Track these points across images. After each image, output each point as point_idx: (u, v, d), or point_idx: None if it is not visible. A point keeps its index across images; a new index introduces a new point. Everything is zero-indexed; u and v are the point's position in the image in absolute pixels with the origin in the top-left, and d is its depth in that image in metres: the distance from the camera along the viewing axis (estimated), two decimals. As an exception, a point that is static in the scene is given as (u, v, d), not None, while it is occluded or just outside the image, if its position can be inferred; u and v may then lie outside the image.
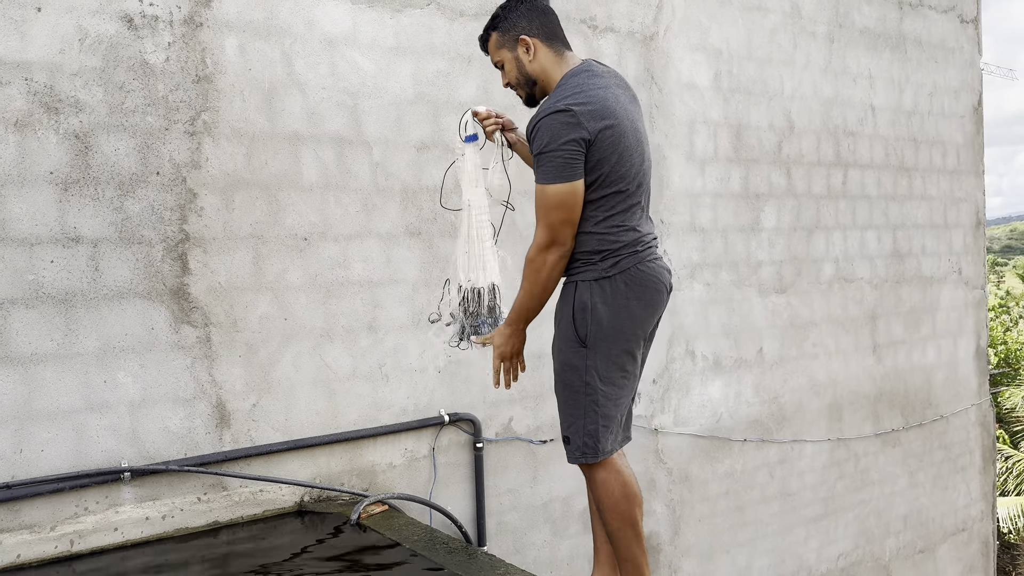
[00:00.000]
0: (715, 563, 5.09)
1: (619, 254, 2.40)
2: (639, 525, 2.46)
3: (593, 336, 2.39)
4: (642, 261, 2.43)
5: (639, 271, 2.42)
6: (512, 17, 2.45)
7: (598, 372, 2.40)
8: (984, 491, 7.14)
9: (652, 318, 2.50)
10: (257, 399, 3.50)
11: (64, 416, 3.10)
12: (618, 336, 2.41)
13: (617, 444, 2.50)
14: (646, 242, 2.47)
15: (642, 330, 2.47)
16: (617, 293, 2.39)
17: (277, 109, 3.54)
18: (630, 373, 2.48)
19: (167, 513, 3.25)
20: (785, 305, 5.47)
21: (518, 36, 2.45)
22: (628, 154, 2.37)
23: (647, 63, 4.75)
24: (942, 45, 6.58)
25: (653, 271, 2.45)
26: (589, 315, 2.39)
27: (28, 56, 3.03)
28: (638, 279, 2.41)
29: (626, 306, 2.40)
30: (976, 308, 6.96)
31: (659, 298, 2.49)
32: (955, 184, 6.71)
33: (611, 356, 2.42)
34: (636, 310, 2.42)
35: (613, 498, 2.44)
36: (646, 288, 2.43)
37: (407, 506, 3.73)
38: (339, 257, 3.70)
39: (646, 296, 2.43)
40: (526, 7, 2.45)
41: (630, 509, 2.44)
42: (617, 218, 2.40)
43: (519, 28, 2.44)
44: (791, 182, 5.50)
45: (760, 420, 5.33)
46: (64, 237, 3.10)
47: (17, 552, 2.95)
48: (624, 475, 2.47)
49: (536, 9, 2.46)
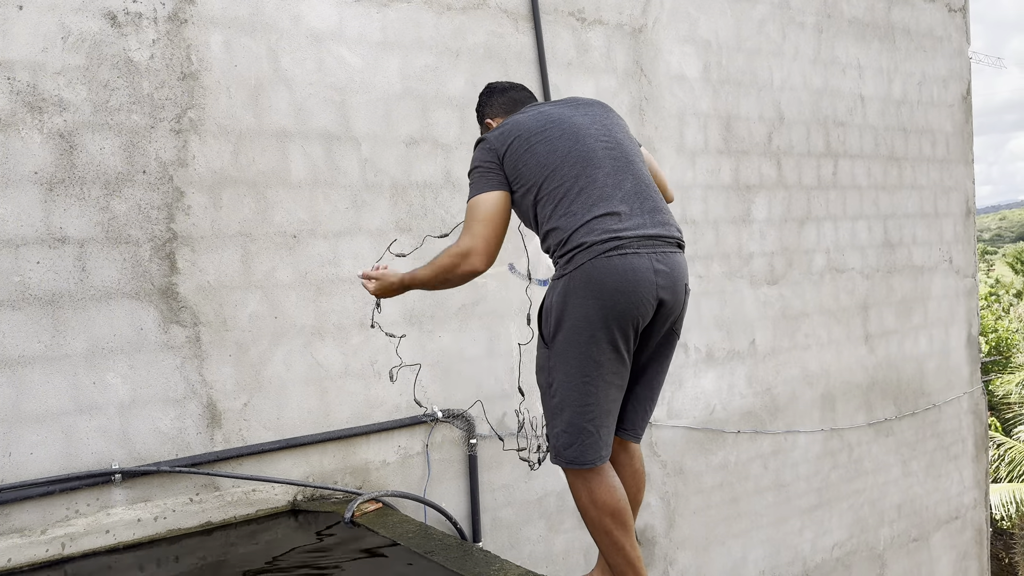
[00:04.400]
0: (710, 555, 5.10)
1: (574, 251, 2.29)
2: (615, 535, 2.33)
3: (552, 337, 2.32)
4: (602, 256, 2.25)
5: (595, 266, 2.25)
6: (481, 108, 2.83)
7: (559, 375, 2.31)
8: (977, 479, 7.17)
9: (626, 318, 2.27)
10: (248, 398, 3.47)
11: (53, 418, 3.07)
12: (575, 338, 2.27)
13: (589, 456, 2.32)
14: (614, 236, 2.28)
15: (611, 332, 2.26)
16: (572, 292, 2.27)
17: (264, 106, 3.51)
18: (596, 379, 2.29)
19: (159, 514, 3.23)
20: (777, 296, 5.47)
21: (485, 121, 2.81)
22: (552, 153, 2.41)
23: (636, 55, 4.74)
24: (930, 34, 6.58)
25: (620, 265, 2.25)
26: (551, 315, 2.32)
27: (10, 55, 3.00)
28: (594, 276, 2.24)
29: (582, 306, 2.25)
30: (967, 297, 6.98)
31: (631, 296, 2.25)
32: (945, 173, 6.72)
33: (570, 359, 2.29)
34: (593, 310, 2.24)
35: (581, 504, 2.38)
36: (604, 286, 2.24)
37: (401, 503, 3.72)
38: (329, 254, 3.68)
39: (605, 295, 2.24)
40: (487, 96, 2.82)
41: (599, 518, 2.33)
42: (563, 217, 2.33)
43: (485, 114, 2.81)
44: (781, 173, 5.50)
45: (753, 411, 5.33)
46: (50, 237, 3.06)
47: (8, 556, 2.92)
48: (592, 483, 2.34)
49: (495, 92, 2.81)
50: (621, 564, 2.37)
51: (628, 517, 2.37)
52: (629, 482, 2.60)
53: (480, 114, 2.84)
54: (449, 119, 4.03)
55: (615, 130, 2.53)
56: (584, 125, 2.49)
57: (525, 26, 4.28)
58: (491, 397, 4.13)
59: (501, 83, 2.84)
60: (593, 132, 2.48)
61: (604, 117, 2.56)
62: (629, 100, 4.70)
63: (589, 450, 2.32)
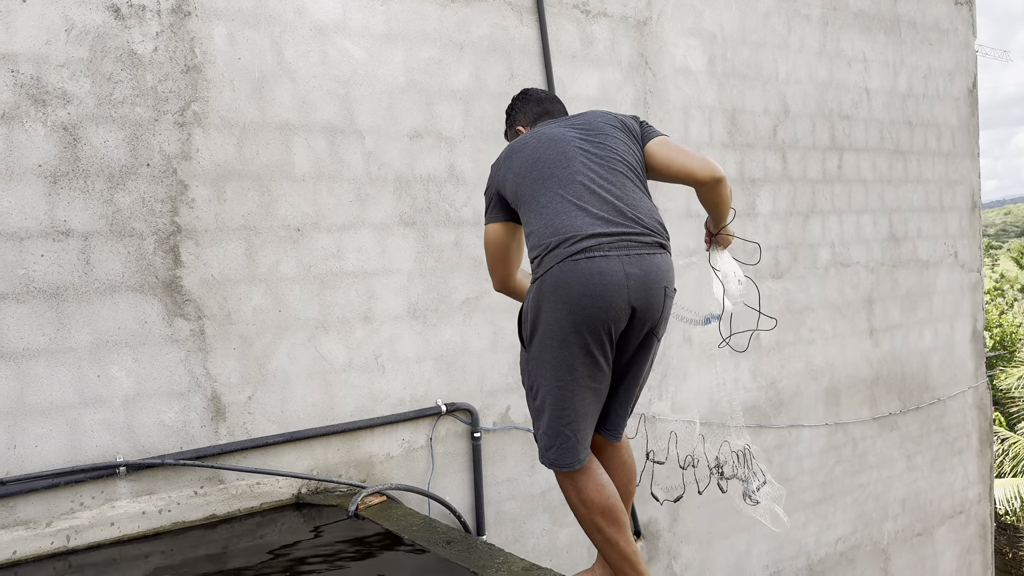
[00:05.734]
0: (714, 548, 5.10)
1: (543, 254, 2.28)
2: (607, 531, 2.34)
3: (528, 342, 2.33)
4: (568, 259, 2.22)
5: (563, 271, 2.22)
6: (513, 113, 2.85)
7: (537, 379, 2.32)
8: (981, 473, 7.16)
9: (596, 323, 2.23)
10: (252, 391, 3.47)
11: (58, 411, 3.07)
12: (549, 343, 2.26)
13: (567, 459, 2.33)
14: (583, 237, 2.24)
15: (582, 337, 2.23)
16: (543, 297, 2.26)
17: (267, 98, 3.50)
18: (570, 384, 2.27)
19: (164, 507, 3.23)
20: (782, 290, 5.46)
21: (516, 128, 2.81)
22: (526, 161, 2.44)
23: (641, 48, 4.72)
24: (936, 27, 6.55)
25: (587, 269, 2.21)
26: (527, 320, 2.33)
27: (14, 48, 2.99)
28: (561, 281, 2.22)
29: (552, 311, 2.24)
30: (972, 291, 6.95)
31: (598, 301, 2.21)
32: (950, 167, 6.69)
33: (545, 364, 2.29)
34: (563, 315, 2.22)
35: (571, 503, 2.40)
36: (571, 290, 2.21)
37: (405, 497, 3.72)
38: (333, 248, 3.67)
39: (572, 299, 2.21)
40: (522, 102, 2.83)
41: (590, 516, 2.35)
42: (535, 221, 2.34)
43: (517, 122, 2.82)
44: (787, 167, 5.47)
45: (758, 405, 5.32)
46: (54, 231, 3.06)
47: (13, 549, 2.93)
48: (579, 483, 2.34)
49: (531, 100, 2.82)
50: (617, 560, 2.37)
51: (619, 514, 2.37)
52: (619, 474, 2.60)
53: (511, 117, 2.85)
54: (453, 112, 4.01)
55: (603, 136, 2.48)
56: (563, 133, 2.48)
57: (529, 18, 4.27)
58: (495, 391, 4.13)
59: (537, 92, 2.85)
60: (570, 136, 2.46)
61: (597, 123, 2.53)
62: (633, 93, 4.68)
63: (567, 454, 2.33)
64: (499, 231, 2.56)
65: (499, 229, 2.56)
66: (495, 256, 2.60)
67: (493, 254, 2.60)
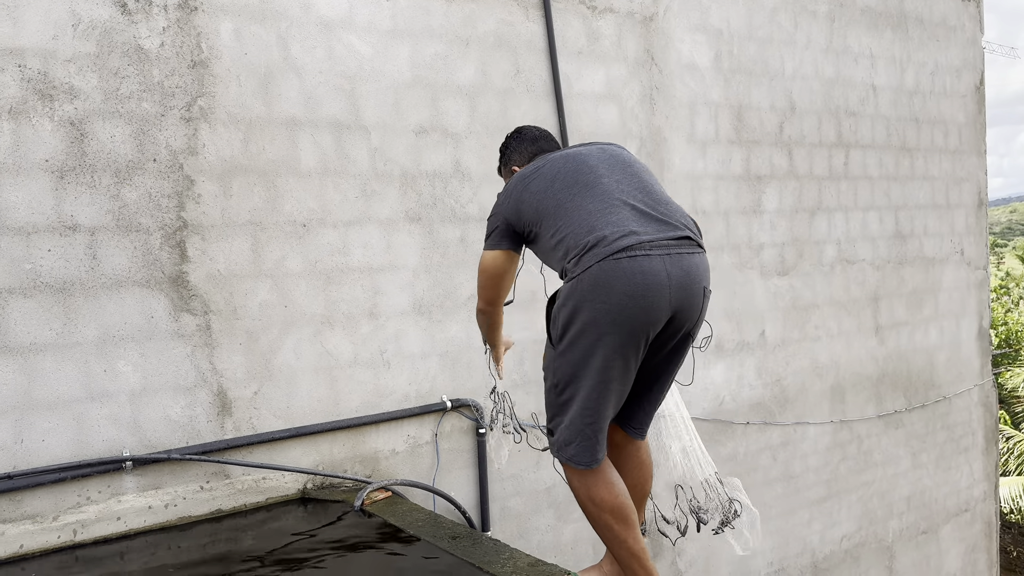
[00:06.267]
0: (719, 546, 5.09)
1: (581, 253, 2.22)
2: (616, 529, 2.32)
3: (558, 340, 2.29)
4: (610, 258, 2.17)
5: (603, 269, 2.17)
6: (507, 153, 2.82)
7: (563, 377, 2.28)
8: (987, 471, 7.14)
9: (635, 324, 2.19)
10: (258, 387, 3.48)
11: (64, 406, 3.08)
12: (581, 343, 2.22)
13: (585, 458, 2.30)
14: (623, 235, 2.21)
15: (617, 339, 2.19)
16: (579, 295, 2.20)
17: (274, 94, 3.50)
18: (598, 385, 2.24)
19: (170, 502, 3.24)
20: (787, 287, 5.45)
21: (512, 169, 2.77)
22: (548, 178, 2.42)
23: (647, 44, 4.71)
24: (944, 23, 6.52)
25: (629, 268, 2.16)
26: (558, 318, 2.28)
27: (21, 42, 2.99)
28: (601, 279, 2.17)
29: (589, 310, 2.18)
30: (978, 288, 6.93)
31: (640, 302, 2.16)
32: (957, 164, 6.67)
33: (574, 364, 2.24)
34: (600, 315, 2.17)
35: (580, 500, 2.37)
36: (612, 289, 2.16)
37: (410, 492, 3.72)
38: (339, 243, 3.67)
39: (612, 299, 2.16)
40: (516, 142, 2.80)
41: (599, 514, 2.33)
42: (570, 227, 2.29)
43: (512, 161, 2.79)
44: (793, 163, 5.46)
45: (763, 403, 5.32)
46: (61, 225, 3.07)
47: (20, 542, 2.94)
48: (589, 481, 2.32)
49: (525, 139, 2.79)
50: (625, 557, 2.37)
51: (629, 512, 2.35)
52: (635, 473, 2.59)
53: (505, 156, 2.83)
54: (459, 108, 4.01)
55: (614, 147, 2.54)
56: (575, 151, 2.51)
57: (535, 14, 4.26)
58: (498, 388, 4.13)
59: (532, 130, 2.82)
60: (584, 152, 2.48)
61: (602, 143, 2.58)
62: (639, 89, 4.67)
63: (586, 452, 2.31)
64: (501, 259, 2.55)
65: (501, 257, 2.54)
66: (492, 282, 2.60)
67: (490, 279, 2.60)
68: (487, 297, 2.66)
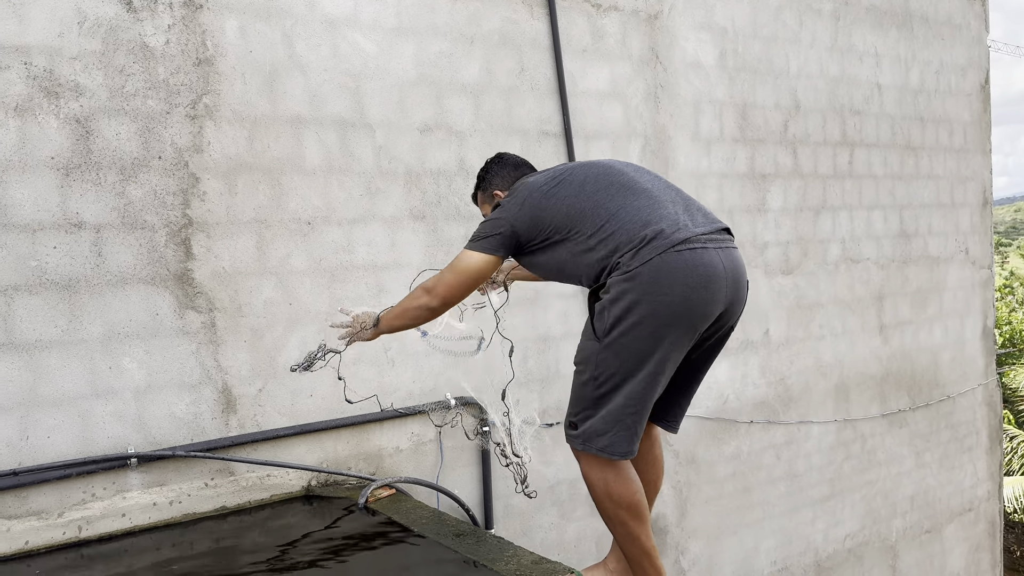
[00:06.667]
0: (722, 544, 5.09)
1: (639, 246, 2.23)
2: (630, 525, 2.33)
3: (606, 333, 2.26)
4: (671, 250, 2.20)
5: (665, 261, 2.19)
6: (489, 178, 2.78)
7: (608, 369, 2.27)
8: (991, 471, 7.13)
9: (694, 316, 2.23)
10: (263, 384, 3.48)
11: (70, 402, 3.09)
12: (636, 334, 2.21)
13: (621, 448, 2.29)
14: (679, 229, 2.25)
15: (675, 331, 2.22)
16: (638, 287, 2.20)
17: (279, 92, 3.51)
18: (647, 378, 2.25)
19: (174, 499, 3.25)
20: (792, 286, 5.44)
21: (493, 193, 2.74)
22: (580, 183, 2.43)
23: (652, 42, 4.70)
24: (949, 22, 6.50)
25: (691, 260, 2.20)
26: (610, 311, 2.26)
27: (27, 40, 3.00)
28: (663, 271, 2.19)
29: (648, 303, 2.19)
30: (983, 288, 6.92)
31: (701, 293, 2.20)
32: (962, 163, 6.66)
33: (625, 356, 2.24)
34: (660, 307, 2.19)
35: (596, 495, 2.36)
36: (674, 281, 2.18)
37: (414, 489, 3.73)
38: (343, 241, 3.68)
39: (675, 291, 2.18)
40: (499, 167, 2.77)
41: (615, 510, 2.33)
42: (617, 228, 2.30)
43: (494, 185, 2.76)
44: (797, 162, 5.45)
45: (767, 402, 5.31)
46: (66, 223, 3.07)
47: (25, 539, 2.95)
48: (608, 476, 2.31)
49: (508, 165, 2.76)
50: (636, 554, 2.37)
51: (644, 509, 2.36)
52: (648, 469, 2.59)
53: (485, 182, 2.78)
54: (463, 106, 4.01)
55: (632, 163, 2.59)
56: (598, 160, 2.57)
57: (540, 12, 4.26)
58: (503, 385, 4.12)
59: (514, 157, 2.79)
60: (607, 160, 2.55)
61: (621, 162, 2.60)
62: (644, 87, 4.67)
63: (623, 443, 2.29)
64: (490, 265, 2.49)
65: (492, 263, 2.49)
66: (470, 284, 2.52)
67: (470, 281, 2.51)
68: (453, 298, 2.54)
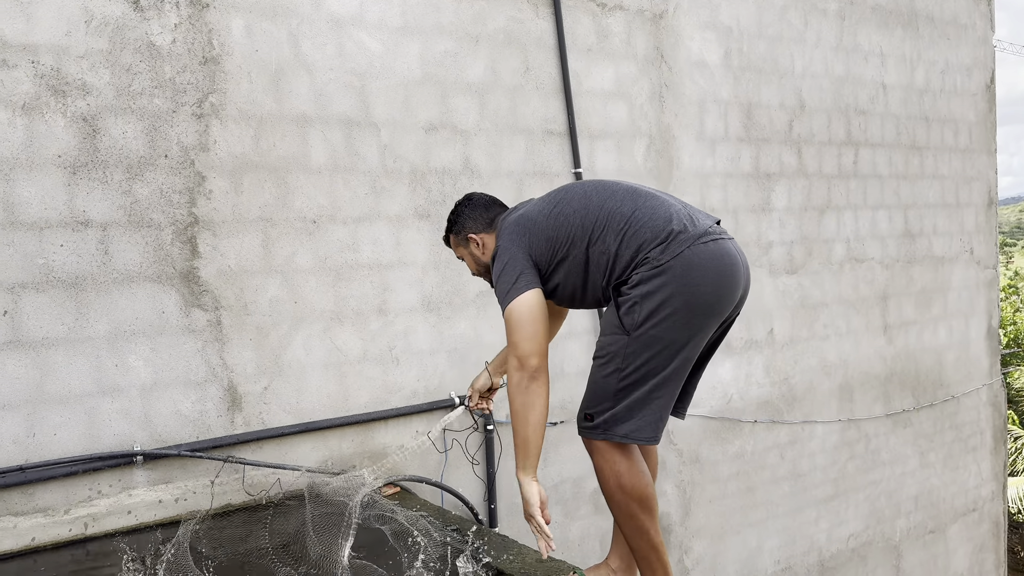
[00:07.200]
0: (725, 544, 5.10)
1: (666, 241, 2.28)
2: (640, 519, 2.34)
3: (637, 326, 2.28)
4: (698, 242, 2.28)
5: (696, 252, 2.27)
6: (460, 220, 2.72)
7: (638, 360, 2.28)
8: (995, 471, 7.12)
9: (724, 303, 2.32)
10: (268, 382, 3.50)
11: (76, 400, 3.10)
12: (670, 323, 2.26)
13: (647, 433, 2.32)
14: (696, 223, 2.34)
15: (707, 319, 2.30)
16: (672, 279, 2.25)
17: (284, 91, 3.52)
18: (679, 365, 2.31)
19: (180, 496, 3.26)
20: (796, 286, 5.44)
21: (467, 236, 2.71)
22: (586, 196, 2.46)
23: (657, 41, 4.70)
24: (955, 21, 6.49)
25: (717, 251, 2.29)
26: (642, 305, 2.28)
27: (34, 39, 3.01)
28: (695, 263, 2.26)
29: (683, 292, 2.25)
30: (987, 288, 6.91)
31: (730, 280, 2.30)
32: (967, 163, 6.65)
33: (658, 347, 2.28)
34: (692, 295, 2.26)
35: (608, 488, 2.36)
36: (707, 271, 2.26)
37: (419, 488, 3.74)
38: (348, 240, 3.68)
39: (707, 280, 2.26)
40: (469, 209, 2.71)
41: (626, 502, 2.34)
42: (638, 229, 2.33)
43: (467, 228, 2.70)
44: (802, 162, 5.45)
45: (771, 401, 5.31)
46: (73, 221, 3.09)
47: (32, 535, 2.96)
48: (620, 468, 2.33)
49: (478, 206, 2.71)
50: (645, 548, 2.38)
51: (654, 503, 2.37)
52: (649, 459, 2.61)
53: (458, 225, 2.72)
54: (468, 105, 4.02)
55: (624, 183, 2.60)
56: (587, 179, 2.66)
57: (545, 11, 4.26)
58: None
59: (483, 197, 2.75)
60: (597, 179, 2.59)
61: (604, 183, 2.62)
62: (649, 87, 4.67)
63: (649, 427, 2.32)
64: (539, 296, 2.42)
65: (539, 294, 2.42)
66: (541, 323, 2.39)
67: (540, 321, 2.39)
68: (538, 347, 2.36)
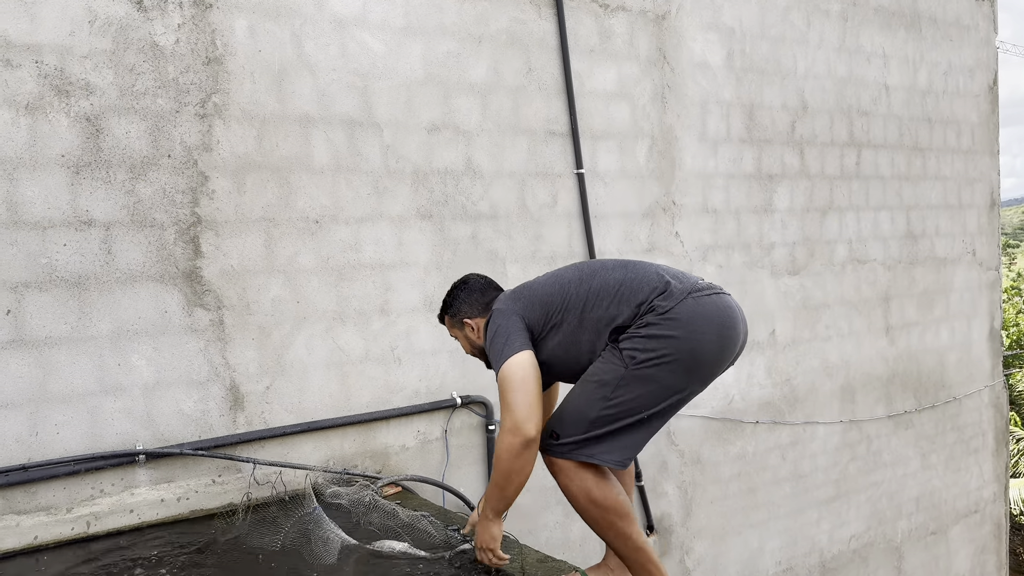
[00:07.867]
0: (727, 544, 5.10)
1: (666, 291, 2.33)
2: (619, 525, 2.36)
3: (638, 365, 2.28)
4: (692, 295, 2.32)
5: (699, 303, 2.31)
6: (455, 304, 2.73)
7: (630, 394, 2.29)
8: (997, 473, 7.11)
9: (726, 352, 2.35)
10: (270, 382, 3.50)
11: (79, 399, 3.11)
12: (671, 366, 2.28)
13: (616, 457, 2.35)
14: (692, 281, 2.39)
15: (708, 366, 2.34)
16: (679, 325, 2.28)
17: (287, 91, 3.52)
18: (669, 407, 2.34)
19: (182, 495, 3.27)
20: (798, 287, 5.44)
21: (462, 320, 2.71)
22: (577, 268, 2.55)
23: (659, 42, 4.71)
24: (957, 23, 6.49)
25: (718, 303, 2.34)
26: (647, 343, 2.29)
27: (38, 39, 3.02)
28: (698, 312, 2.29)
29: (688, 339, 2.27)
30: (990, 289, 6.91)
31: (731, 332, 2.33)
32: (969, 164, 6.64)
33: (654, 388, 2.30)
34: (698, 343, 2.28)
35: (579, 506, 2.37)
36: (711, 321, 2.30)
37: (420, 488, 3.74)
38: (351, 240, 3.69)
39: (712, 327, 2.29)
40: (465, 293, 2.71)
41: (602, 515, 2.35)
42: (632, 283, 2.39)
43: (462, 313, 2.71)
44: (804, 163, 5.45)
45: (772, 402, 5.31)
46: (76, 220, 3.09)
47: (35, 534, 2.97)
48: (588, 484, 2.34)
49: (474, 291, 2.71)
50: (631, 551, 2.39)
51: (628, 507, 2.41)
52: (623, 478, 2.68)
53: (453, 308, 2.72)
54: (471, 106, 4.02)
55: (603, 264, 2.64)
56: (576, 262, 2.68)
57: (548, 12, 4.26)
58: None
59: (479, 280, 2.74)
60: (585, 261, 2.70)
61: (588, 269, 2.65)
62: (651, 88, 4.67)
63: (618, 451, 2.35)
64: (531, 357, 2.39)
65: (530, 355, 2.39)
66: (534, 384, 2.35)
67: (533, 381, 2.35)
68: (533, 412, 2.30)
